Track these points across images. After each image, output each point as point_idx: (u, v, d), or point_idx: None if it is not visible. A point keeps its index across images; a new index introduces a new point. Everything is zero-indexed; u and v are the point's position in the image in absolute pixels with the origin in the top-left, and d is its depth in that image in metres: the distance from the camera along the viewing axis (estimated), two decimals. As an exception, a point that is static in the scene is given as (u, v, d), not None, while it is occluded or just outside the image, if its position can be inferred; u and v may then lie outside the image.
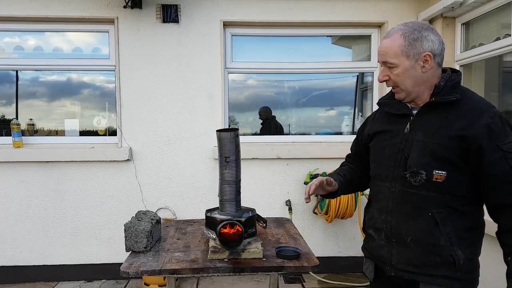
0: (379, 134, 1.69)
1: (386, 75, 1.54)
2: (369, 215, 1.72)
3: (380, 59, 1.55)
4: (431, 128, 1.50)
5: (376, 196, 1.67)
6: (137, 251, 1.97)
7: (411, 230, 1.52)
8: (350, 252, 3.93)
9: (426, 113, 1.54)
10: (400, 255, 1.55)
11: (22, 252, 3.73)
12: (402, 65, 1.50)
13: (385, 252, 1.60)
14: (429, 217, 1.49)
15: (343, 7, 3.78)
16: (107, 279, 3.79)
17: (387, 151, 1.61)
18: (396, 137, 1.59)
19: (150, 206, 3.75)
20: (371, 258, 1.73)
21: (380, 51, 1.55)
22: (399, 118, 1.61)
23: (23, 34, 3.82)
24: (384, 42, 1.53)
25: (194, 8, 3.70)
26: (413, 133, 1.54)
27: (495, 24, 3.19)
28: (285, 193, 3.86)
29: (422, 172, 1.47)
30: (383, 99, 1.73)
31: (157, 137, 3.75)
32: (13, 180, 3.68)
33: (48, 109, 3.99)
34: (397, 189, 1.56)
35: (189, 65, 3.73)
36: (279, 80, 4.20)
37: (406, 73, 1.50)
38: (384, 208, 1.60)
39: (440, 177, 1.45)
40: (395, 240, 1.56)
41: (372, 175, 1.73)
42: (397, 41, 1.49)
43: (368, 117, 1.88)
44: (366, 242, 1.76)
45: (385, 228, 1.59)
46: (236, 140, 1.93)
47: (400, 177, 1.54)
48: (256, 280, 3.74)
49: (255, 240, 1.97)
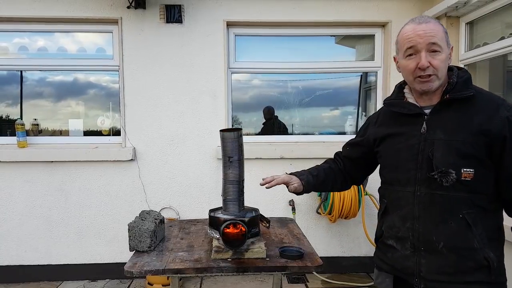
0: (389, 137, 1.60)
1: (429, 60, 1.42)
2: (388, 224, 1.59)
3: (424, 42, 1.42)
4: (451, 125, 1.43)
5: (396, 203, 1.56)
6: (140, 251, 1.97)
7: (443, 235, 1.42)
8: (354, 252, 3.92)
9: (441, 110, 1.47)
10: (430, 264, 1.45)
11: (26, 252, 3.75)
12: (444, 51, 1.43)
13: (412, 263, 1.49)
14: (461, 219, 1.40)
15: (347, 7, 3.77)
16: (111, 279, 3.80)
17: (403, 154, 1.52)
18: (412, 138, 1.50)
19: (154, 205, 3.76)
20: (390, 271, 1.60)
21: (424, 34, 1.41)
22: (410, 119, 1.52)
23: (27, 34, 3.84)
24: (427, 26, 1.42)
25: (198, 8, 3.70)
26: (431, 132, 1.46)
27: (500, 23, 3.17)
28: (288, 193, 3.82)
29: (451, 172, 1.39)
30: (390, 99, 1.66)
31: (160, 137, 3.76)
32: (18, 180, 3.70)
33: (52, 109, 4.01)
34: (423, 193, 1.46)
35: (193, 65, 3.73)
36: (282, 80, 4.20)
37: (446, 61, 1.44)
38: (409, 215, 1.49)
39: (469, 175, 1.38)
40: (423, 248, 1.46)
41: (386, 181, 1.63)
42: (440, 27, 1.43)
43: (369, 120, 1.80)
44: (384, 254, 1.62)
45: (411, 236, 1.48)
46: (240, 140, 1.93)
47: (425, 179, 1.45)
48: (260, 280, 3.74)
49: (258, 240, 1.97)
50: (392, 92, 1.68)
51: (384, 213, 1.64)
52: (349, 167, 1.85)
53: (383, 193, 1.66)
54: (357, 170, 1.86)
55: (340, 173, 1.86)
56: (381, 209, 1.65)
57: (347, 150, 1.89)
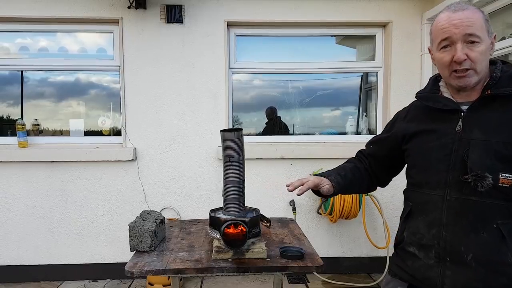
0: (420, 134, 1.46)
1: (465, 53, 1.28)
2: (412, 230, 1.46)
3: (460, 33, 1.28)
4: (490, 124, 1.30)
5: (423, 207, 1.42)
6: (141, 251, 1.97)
7: (473, 246, 1.29)
8: (354, 252, 3.92)
9: (480, 108, 1.33)
10: (456, 276, 1.31)
11: (27, 252, 3.75)
12: (485, 42, 1.29)
13: (435, 274, 1.36)
14: (494, 229, 1.27)
15: (347, 7, 3.77)
16: (112, 279, 3.80)
17: (434, 154, 1.38)
18: (445, 136, 1.36)
19: (155, 206, 3.76)
20: (409, 280, 1.47)
21: (460, 23, 1.28)
22: (445, 115, 1.39)
23: (28, 34, 3.84)
24: (463, 14, 1.29)
25: (198, 9, 3.70)
26: (467, 131, 1.32)
27: (500, 23, 3.17)
28: (289, 193, 3.81)
29: (488, 176, 1.25)
30: (423, 92, 1.51)
31: (161, 137, 3.76)
32: (18, 180, 3.70)
33: (53, 109, 4.01)
34: (453, 197, 1.32)
35: (193, 65, 3.73)
36: (283, 80, 4.20)
37: (485, 53, 1.30)
38: (436, 221, 1.36)
39: (507, 181, 1.25)
40: (449, 258, 1.33)
41: (414, 183, 1.49)
42: (479, 14, 1.29)
43: (398, 115, 1.65)
44: (403, 261, 1.50)
45: (437, 244, 1.36)
46: (240, 140, 1.93)
47: (457, 183, 1.32)
48: (260, 280, 3.74)
49: (259, 240, 1.97)
50: (426, 85, 1.54)
51: (407, 217, 1.50)
52: (374, 166, 1.70)
53: (408, 195, 1.53)
54: (382, 170, 1.70)
55: (366, 173, 1.71)
56: (405, 212, 1.52)
57: (371, 148, 1.72)
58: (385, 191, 3.83)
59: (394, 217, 3.75)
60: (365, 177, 1.70)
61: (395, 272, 1.54)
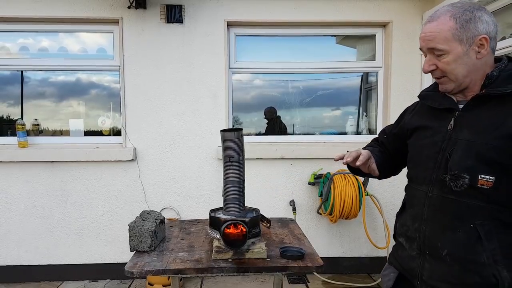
0: (418, 130, 1.50)
1: (433, 64, 1.34)
2: (401, 221, 1.55)
3: (425, 46, 1.35)
4: (479, 125, 1.30)
5: (411, 201, 1.50)
6: (141, 251, 1.97)
7: (448, 243, 1.33)
8: (355, 252, 3.92)
9: (475, 107, 1.33)
10: (433, 270, 1.37)
11: (27, 252, 3.75)
12: (453, 52, 1.30)
13: (416, 265, 1.43)
14: (471, 229, 1.28)
15: (348, 7, 3.77)
16: (112, 279, 3.80)
17: (426, 151, 1.42)
18: (438, 134, 1.39)
19: (154, 206, 3.76)
20: (398, 268, 1.56)
21: (425, 37, 1.34)
22: (442, 113, 1.41)
23: (28, 34, 3.84)
24: (429, 26, 1.33)
25: (198, 8, 3.70)
26: (457, 130, 1.34)
27: (501, 23, 3.17)
28: (289, 193, 3.85)
29: (465, 176, 1.27)
30: (425, 91, 1.54)
31: (161, 137, 3.76)
32: (18, 180, 3.70)
33: (53, 109, 4.01)
34: (435, 194, 1.37)
35: (193, 65, 3.73)
36: (283, 80, 4.20)
37: (458, 61, 1.31)
38: (418, 215, 1.42)
39: (487, 183, 1.25)
40: (428, 252, 1.38)
41: (408, 177, 1.55)
42: (447, 24, 1.30)
43: (408, 107, 1.67)
44: (396, 250, 1.59)
45: (418, 237, 1.41)
46: (240, 140, 1.93)
47: (440, 181, 1.35)
48: (260, 280, 3.74)
49: (259, 240, 1.97)
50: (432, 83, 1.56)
51: (401, 209, 1.59)
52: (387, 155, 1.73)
53: (405, 189, 1.58)
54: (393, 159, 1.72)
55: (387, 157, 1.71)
56: (402, 206, 1.60)
57: (385, 138, 1.76)
58: (385, 191, 3.84)
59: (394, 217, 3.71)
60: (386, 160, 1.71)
61: (391, 260, 1.63)
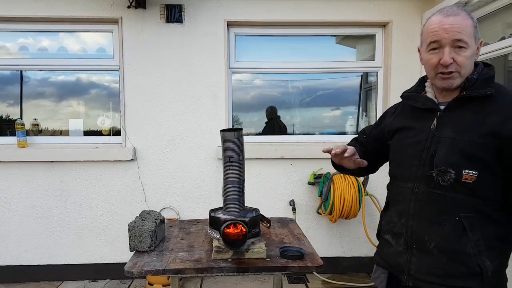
0: (401, 131, 1.56)
1: (452, 57, 1.36)
2: (387, 219, 1.59)
3: (449, 37, 1.35)
4: (461, 124, 1.37)
5: (396, 198, 1.55)
6: (141, 251, 1.97)
7: (435, 236, 1.39)
8: (354, 252, 3.92)
9: (456, 108, 1.41)
10: (420, 263, 1.43)
11: (26, 252, 3.74)
12: (471, 48, 1.36)
13: (403, 260, 1.47)
14: (456, 222, 1.36)
15: (347, 7, 3.77)
16: (111, 279, 3.80)
17: (410, 150, 1.48)
18: (421, 134, 1.46)
19: (154, 205, 3.76)
20: (385, 266, 1.60)
21: (451, 28, 1.34)
22: (424, 113, 1.48)
23: (28, 34, 3.84)
24: (453, 19, 1.35)
25: (198, 8, 3.70)
26: (440, 129, 1.41)
27: (500, 23, 3.17)
28: (289, 193, 3.85)
29: (451, 171, 1.34)
30: (407, 92, 1.60)
31: (161, 137, 3.76)
32: (18, 180, 3.70)
33: (52, 109, 4.01)
34: (421, 190, 1.43)
35: (193, 65, 3.73)
36: (283, 80, 4.20)
37: (471, 57, 1.38)
38: (405, 211, 1.47)
39: (470, 177, 1.32)
40: (415, 246, 1.44)
41: (391, 176, 1.61)
42: (469, 21, 1.36)
43: (388, 110, 1.74)
44: (381, 248, 1.63)
45: (405, 233, 1.47)
46: (240, 140, 1.93)
47: (425, 177, 1.41)
48: (260, 280, 3.74)
49: (259, 240, 1.97)
50: (414, 85, 1.62)
51: (386, 207, 1.64)
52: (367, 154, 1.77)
53: (388, 187, 1.65)
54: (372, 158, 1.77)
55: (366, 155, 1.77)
56: (385, 203, 1.65)
57: (364, 138, 1.82)
58: (385, 191, 3.82)
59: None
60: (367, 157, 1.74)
61: (377, 261, 1.65)
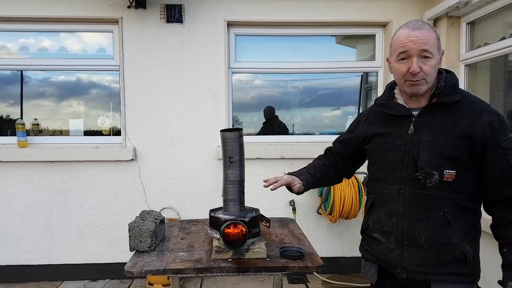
0: (378, 136, 1.68)
1: (419, 66, 1.50)
2: (375, 218, 1.69)
3: (416, 48, 1.49)
4: (436, 128, 1.52)
5: (383, 199, 1.65)
6: (141, 251, 1.97)
7: (425, 231, 1.53)
8: (354, 252, 3.91)
9: (428, 113, 1.55)
10: (412, 257, 1.56)
11: (26, 252, 3.74)
12: (435, 58, 1.51)
13: (396, 255, 1.59)
14: (441, 217, 1.51)
15: (347, 7, 3.77)
16: (112, 279, 3.80)
17: (390, 154, 1.61)
18: (400, 139, 1.58)
19: (154, 205, 3.76)
20: (375, 261, 1.71)
21: (417, 40, 1.48)
22: (399, 120, 1.61)
23: (28, 34, 3.84)
24: (420, 32, 1.49)
25: (198, 8, 3.70)
26: (417, 134, 1.55)
27: (501, 23, 3.17)
28: (289, 193, 3.78)
29: (435, 173, 1.49)
30: (380, 99, 1.73)
31: (161, 137, 3.76)
32: (18, 179, 3.70)
33: (52, 109, 4.01)
34: (407, 191, 1.56)
35: (193, 65, 3.73)
36: (283, 80, 4.19)
37: (435, 66, 1.52)
38: (394, 211, 1.59)
39: (450, 176, 1.48)
40: (406, 242, 1.57)
41: (374, 178, 1.72)
42: (433, 33, 1.51)
43: (360, 117, 1.87)
44: (369, 245, 1.73)
45: (396, 231, 1.59)
46: (240, 140, 1.93)
47: (410, 179, 1.54)
48: (260, 280, 3.74)
49: (259, 240, 1.97)
50: (383, 92, 1.75)
51: (370, 207, 1.73)
52: (340, 163, 1.93)
53: (370, 189, 1.76)
54: (348, 165, 1.95)
55: (333, 169, 1.94)
56: (368, 204, 1.75)
57: (338, 147, 1.96)
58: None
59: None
60: (333, 172, 1.94)
61: (365, 256, 1.77)
